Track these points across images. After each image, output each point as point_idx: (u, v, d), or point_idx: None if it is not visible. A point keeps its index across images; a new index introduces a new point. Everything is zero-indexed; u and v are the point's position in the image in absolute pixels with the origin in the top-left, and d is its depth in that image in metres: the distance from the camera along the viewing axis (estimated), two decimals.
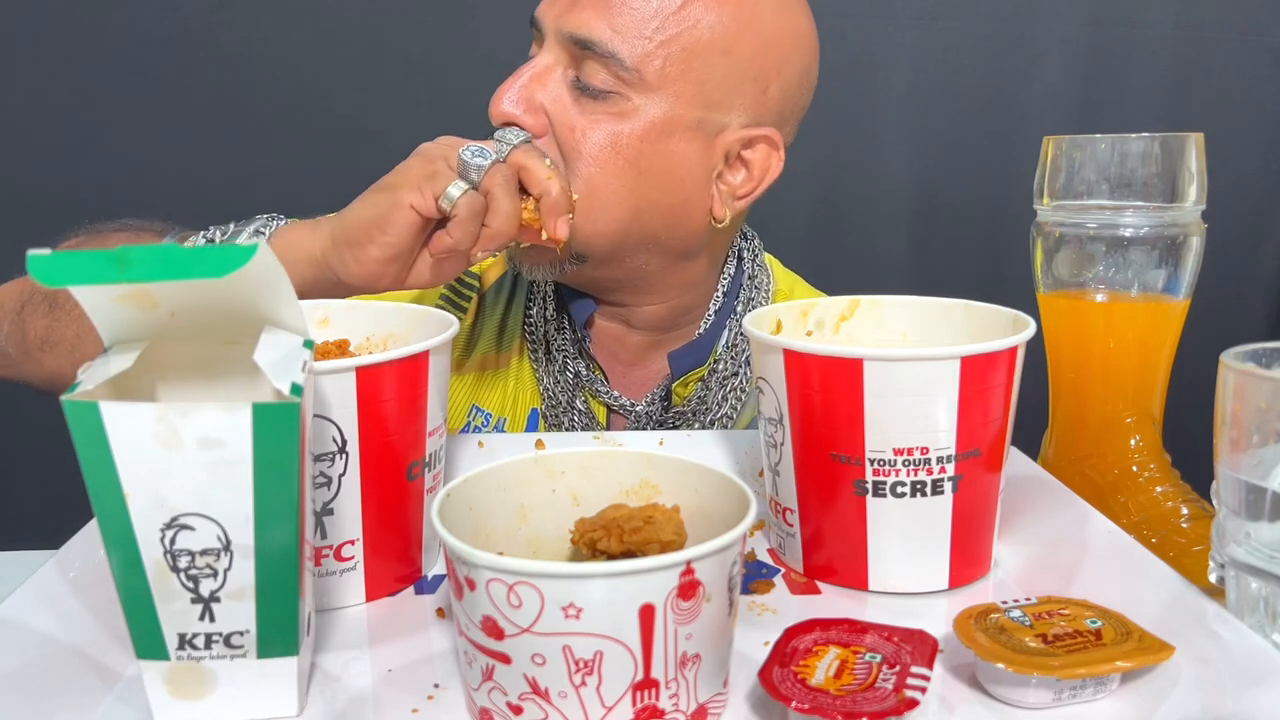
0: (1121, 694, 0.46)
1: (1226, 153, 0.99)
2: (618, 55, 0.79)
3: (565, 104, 0.81)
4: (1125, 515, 0.70)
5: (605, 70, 0.80)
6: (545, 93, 0.81)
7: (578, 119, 0.81)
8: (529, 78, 0.81)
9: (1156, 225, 0.70)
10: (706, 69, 0.81)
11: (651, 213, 0.83)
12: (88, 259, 0.39)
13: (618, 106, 0.80)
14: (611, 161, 0.81)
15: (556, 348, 0.91)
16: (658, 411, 0.91)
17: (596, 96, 0.80)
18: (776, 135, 0.85)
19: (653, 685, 0.41)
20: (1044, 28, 1.58)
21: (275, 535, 0.42)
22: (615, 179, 0.81)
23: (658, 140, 0.82)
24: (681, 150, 0.83)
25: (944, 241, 1.63)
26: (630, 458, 0.52)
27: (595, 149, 0.81)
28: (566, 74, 0.81)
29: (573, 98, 0.81)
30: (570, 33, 0.79)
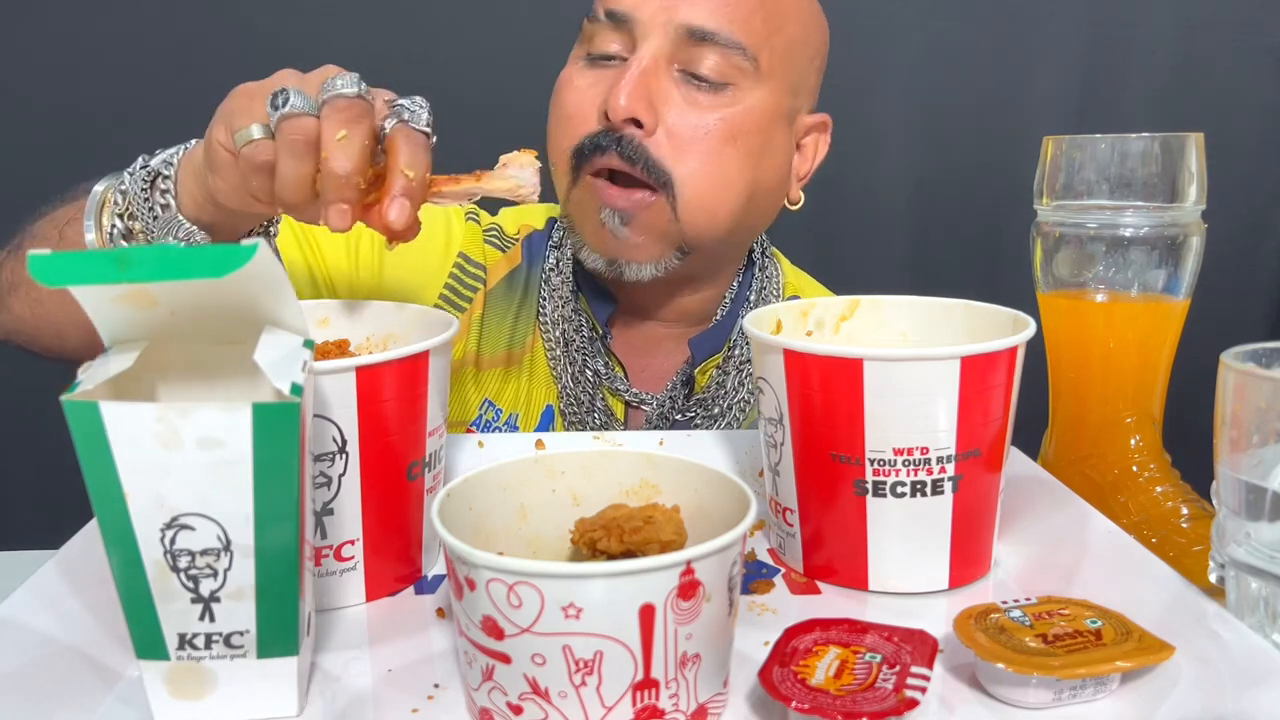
0: (1121, 694, 0.46)
1: (1226, 153, 0.98)
2: (739, 43, 0.79)
3: (675, 98, 0.80)
4: (1125, 515, 0.70)
5: (724, 60, 0.80)
6: (656, 87, 0.80)
7: (692, 112, 0.80)
8: (640, 72, 0.79)
9: (1156, 225, 0.70)
10: (796, 57, 0.84)
11: (759, 200, 0.85)
12: (88, 259, 0.39)
13: (732, 96, 0.81)
14: (729, 152, 0.81)
15: (576, 347, 0.91)
16: (679, 399, 0.91)
17: (711, 88, 0.80)
18: (829, 119, 0.90)
19: (653, 685, 0.41)
20: (1044, 28, 1.58)
21: (275, 535, 0.42)
22: (734, 169, 0.82)
23: (768, 128, 0.83)
24: (780, 137, 0.85)
25: (944, 241, 1.63)
26: (630, 458, 0.52)
27: (714, 141, 0.80)
28: (671, 67, 0.80)
29: (682, 91, 0.81)
30: (685, 24, 0.79)
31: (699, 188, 0.81)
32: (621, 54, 0.82)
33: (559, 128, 0.85)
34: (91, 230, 0.69)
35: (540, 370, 0.93)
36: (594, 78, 0.83)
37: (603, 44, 0.83)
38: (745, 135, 0.82)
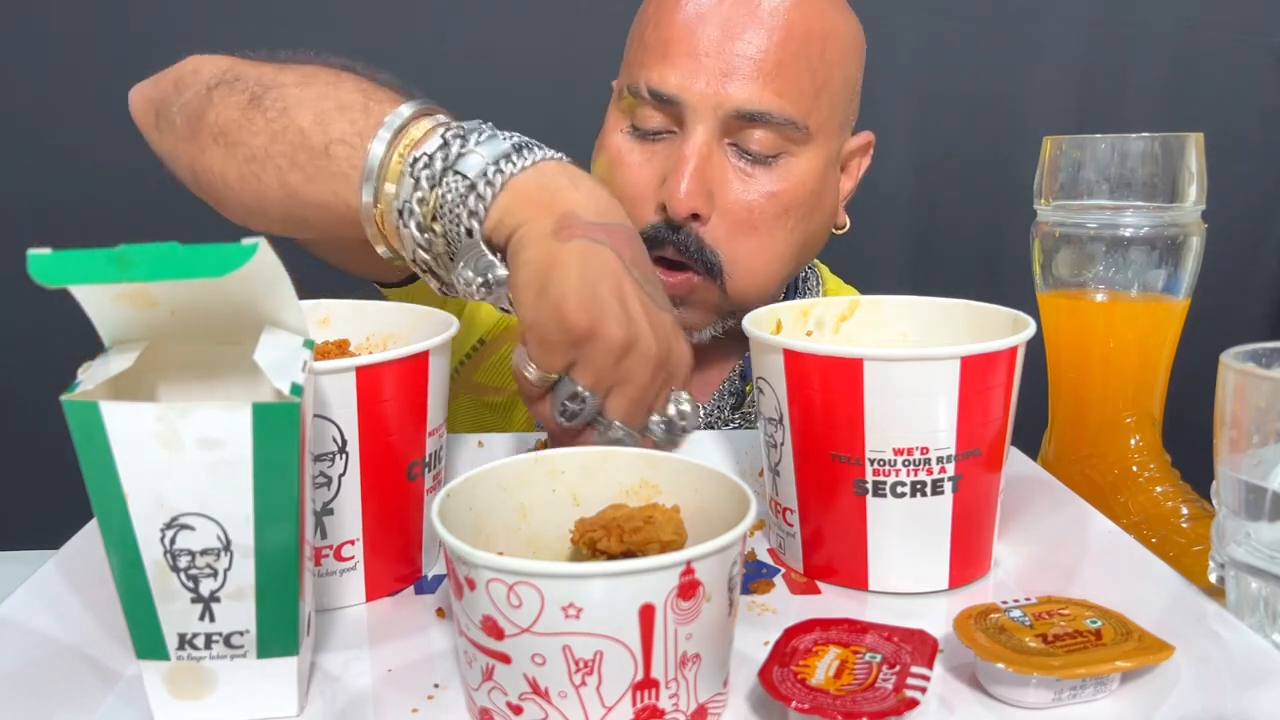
0: (1121, 694, 0.46)
1: (1226, 153, 0.98)
2: (791, 119, 0.79)
3: (729, 176, 0.81)
4: (1125, 515, 0.70)
5: (775, 135, 0.80)
6: (713, 173, 0.80)
7: (744, 190, 0.81)
8: (696, 165, 0.79)
9: (1156, 225, 0.70)
10: (840, 101, 0.84)
11: (808, 251, 0.87)
12: (88, 258, 0.39)
13: (784, 167, 0.81)
14: (784, 222, 0.82)
15: None
16: (726, 410, 0.91)
17: (763, 160, 0.81)
18: (872, 138, 0.90)
19: (653, 685, 0.41)
20: (1044, 28, 1.58)
21: (275, 535, 0.42)
22: (786, 236, 0.83)
23: (819, 186, 0.84)
24: (830, 184, 0.86)
25: (944, 241, 1.63)
26: (630, 458, 0.52)
27: (769, 217, 0.81)
28: (723, 143, 0.80)
29: (734, 166, 0.81)
30: (736, 109, 0.78)
31: (750, 265, 0.82)
32: (668, 128, 0.82)
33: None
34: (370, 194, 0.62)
35: None
36: (645, 153, 0.83)
37: (647, 120, 0.82)
38: (798, 204, 0.82)
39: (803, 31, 0.80)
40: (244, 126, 0.67)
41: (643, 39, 0.82)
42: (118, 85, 1.57)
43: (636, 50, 0.83)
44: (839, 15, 0.84)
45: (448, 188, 0.60)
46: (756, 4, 0.79)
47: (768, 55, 0.79)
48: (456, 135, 0.62)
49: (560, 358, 0.57)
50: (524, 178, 0.60)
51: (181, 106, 0.71)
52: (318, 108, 0.65)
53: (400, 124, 0.62)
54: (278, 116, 0.65)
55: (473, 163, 0.60)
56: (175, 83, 0.73)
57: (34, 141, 1.51)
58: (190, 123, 0.70)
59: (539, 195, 0.59)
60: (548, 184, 0.60)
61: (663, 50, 0.80)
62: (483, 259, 0.60)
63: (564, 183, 0.60)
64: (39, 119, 1.51)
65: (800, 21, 0.80)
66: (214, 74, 0.71)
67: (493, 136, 0.62)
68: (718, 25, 0.79)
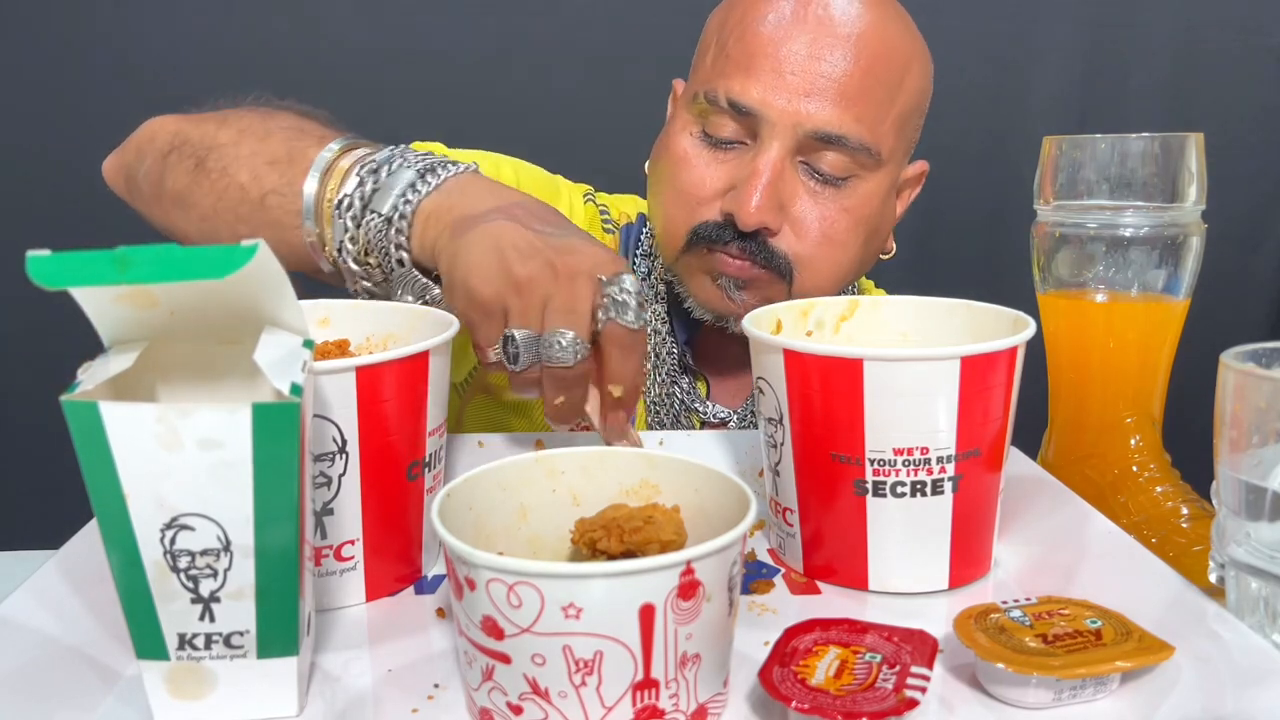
0: (1121, 694, 0.46)
1: (1226, 153, 0.98)
2: (865, 144, 0.80)
3: (800, 192, 0.81)
4: (1125, 515, 0.70)
5: (849, 159, 0.80)
6: (784, 188, 0.80)
7: (818, 211, 0.81)
8: (770, 180, 0.79)
9: (1156, 225, 0.70)
10: (912, 130, 0.86)
11: (864, 265, 0.88)
12: (88, 259, 0.39)
13: (854, 188, 0.82)
14: (851, 241, 0.83)
15: (666, 367, 0.92)
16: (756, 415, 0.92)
17: (834, 184, 0.81)
18: (926, 167, 0.92)
19: (653, 685, 0.41)
20: (1044, 28, 1.58)
21: (275, 535, 0.42)
22: (852, 253, 0.84)
23: (882, 207, 0.85)
24: (890, 206, 0.88)
25: (944, 241, 1.63)
26: (630, 458, 0.52)
27: (838, 235, 0.82)
28: (795, 161, 0.81)
29: (806, 188, 0.81)
30: (815, 129, 0.79)
31: (819, 270, 0.83)
32: (741, 139, 0.82)
33: (676, 202, 0.84)
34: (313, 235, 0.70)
35: None
36: (713, 159, 0.83)
37: (720, 128, 0.82)
38: (864, 221, 0.83)
39: (885, 58, 0.80)
40: (194, 190, 0.74)
41: (724, 48, 0.82)
42: (118, 86, 1.57)
43: (716, 58, 0.83)
44: (917, 44, 0.85)
45: (369, 226, 0.68)
46: (843, 25, 0.79)
47: (851, 79, 0.79)
48: (370, 171, 0.69)
49: (494, 328, 0.61)
50: (429, 203, 0.67)
51: (145, 174, 0.78)
52: (251, 165, 0.72)
53: (325, 167, 0.70)
54: (219, 177, 0.73)
55: (384, 198, 0.67)
56: (137, 151, 0.80)
57: (34, 142, 1.51)
58: (153, 189, 0.77)
59: (444, 215, 0.66)
60: (448, 201, 0.67)
61: (746, 62, 0.80)
62: (418, 283, 0.68)
63: (464, 193, 0.67)
64: (39, 119, 1.51)
65: (883, 48, 0.80)
66: (166, 141, 0.78)
67: (402, 165, 0.68)
68: (804, 43, 0.79)
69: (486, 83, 1.50)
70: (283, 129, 0.75)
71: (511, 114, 1.50)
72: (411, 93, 1.51)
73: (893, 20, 0.82)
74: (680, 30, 0.94)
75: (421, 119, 1.44)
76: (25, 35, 1.49)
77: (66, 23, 1.50)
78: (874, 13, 0.81)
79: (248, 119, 0.77)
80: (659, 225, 0.87)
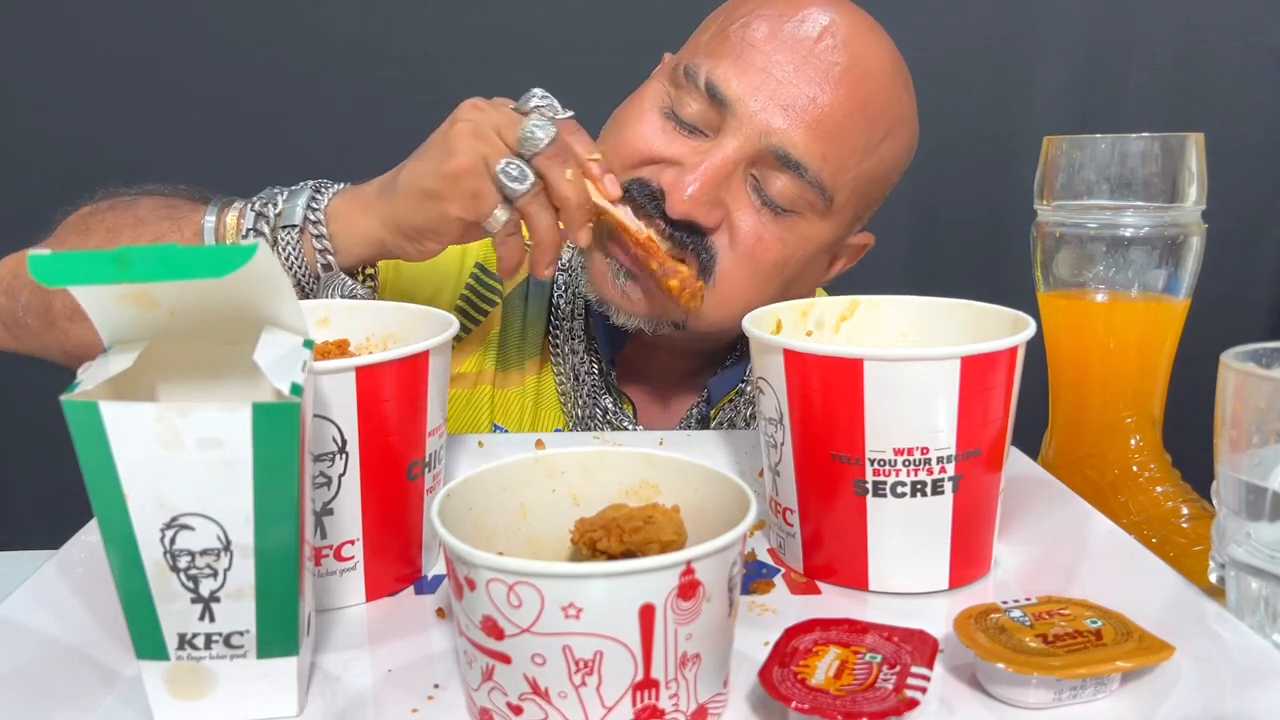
0: (1121, 694, 0.46)
1: (1226, 153, 0.99)
2: (821, 183, 0.77)
3: (743, 205, 0.78)
4: (1125, 515, 0.70)
5: (797, 191, 0.77)
6: (728, 190, 0.77)
7: (756, 228, 0.78)
8: (713, 175, 0.76)
9: (1156, 225, 0.70)
10: (868, 195, 0.83)
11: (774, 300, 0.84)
12: (88, 259, 0.39)
13: (793, 224, 0.79)
14: (777, 276, 0.80)
15: (587, 387, 0.89)
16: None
17: (775, 211, 0.78)
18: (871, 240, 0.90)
19: (653, 685, 0.41)
20: (1044, 28, 1.58)
21: (275, 535, 0.42)
22: (767, 289, 0.80)
23: (814, 260, 0.83)
24: (821, 262, 0.85)
25: (944, 241, 1.63)
26: (630, 458, 0.52)
27: (766, 261, 0.79)
28: (746, 172, 0.78)
29: (749, 201, 0.78)
30: (777, 146, 0.75)
31: (731, 294, 0.78)
32: (702, 129, 0.78)
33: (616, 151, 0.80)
34: None
35: (548, 395, 0.91)
36: (667, 133, 0.79)
37: (686, 108, 0.78)
38: (795, 263, 0.80)
39: (875, 112, 0.78)
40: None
41: (724, 31, 0.79)
42: (118, 85, 1.57)
43: (713, 38, 0.80)
44: (910, 116, 0.83)
45: (283, 244, 0.72)
46: (846, 59, 0.77)
47: (833, 114, 0.76)
48: (265, 203, 0.74)
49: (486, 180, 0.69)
50: (336, 203, 0.74)
51: (25, 307, 0.78)
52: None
53: (213, 224, 0.74)
54: None
55: (291, 214, 0.73)
56: (4, 292, 0.80)
57: (34, 142, 1.51)
58: (40, 317, 0.78)
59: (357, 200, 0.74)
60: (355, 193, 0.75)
61: (740, 52, 0.77)
62: (345, 285, 0.74)
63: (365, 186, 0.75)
64: (39, 119, 1.51)
65: (877, 101, 0.78)
66: None
67: (293, 191, 0.75)
68: (803, 58, 0.76)
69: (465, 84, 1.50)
70: (152, 209, 0.77)
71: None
72: (396, 90, 1.51)
73: (895, 78, 0.80)
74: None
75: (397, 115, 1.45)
76: (25, 34, 1.49)
77: (66, 21, 1.50)
78: (879, 62, 0.79)
79: (108, 218, 0.79)
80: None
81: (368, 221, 0.73)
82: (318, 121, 1.52)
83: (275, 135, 1.51)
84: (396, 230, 0.73)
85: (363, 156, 0.85)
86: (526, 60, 1.52)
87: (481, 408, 0.91)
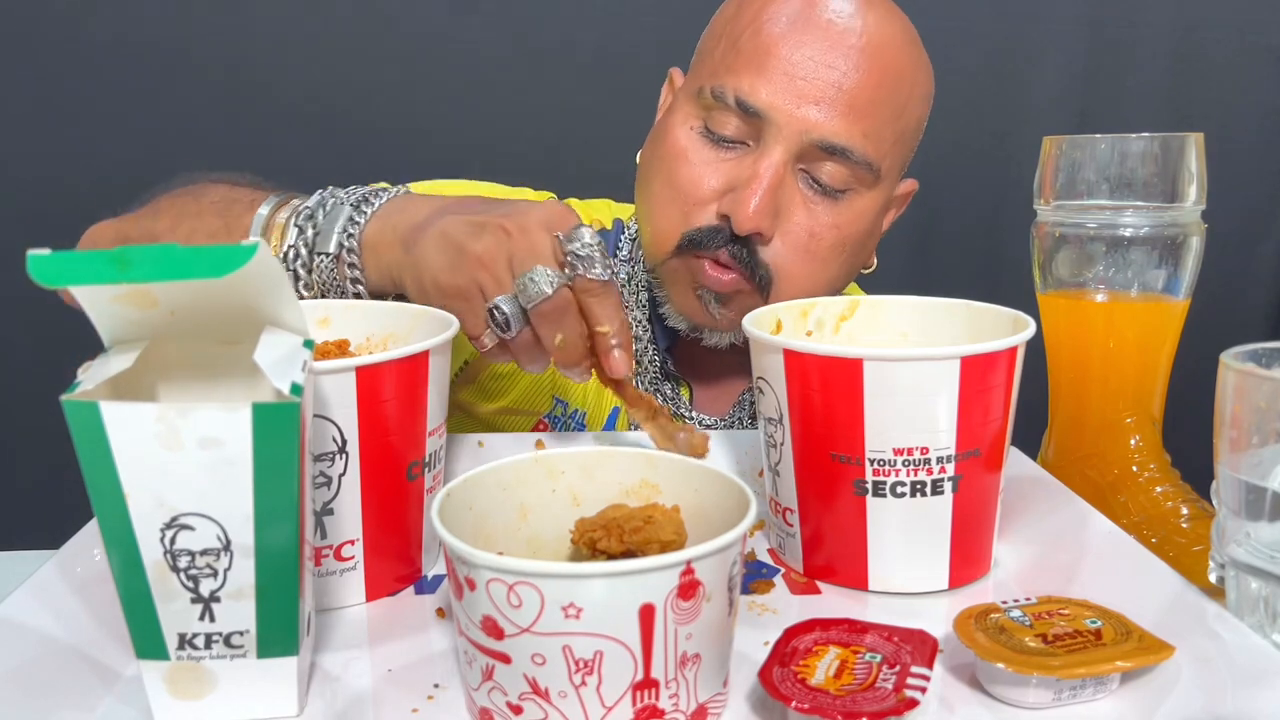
0: (1121, 694, 0.46)
1: (1226, 153, 0.99)
2: (868, 160, 0.79)
3: (796, 201, 0.80)
4: (1125, 515, 0.70)
5: (849, 173, 0.80)
6: (783, 195, 0.80)
7: (809, 223, 0.80)
8: (770, 184, 0.78)
9: (1156, 225, 0.70)
10: (909, 148, 0.85)
11: (847, 280, 0.87)
12: (88, 259, 0.39)
13: (850, 202, 0.81)
14: (832, 259, 0.82)
15: (648, 375, 0.91)
16: (744, 420, 0.92)
17: (831, 195, 0.80)
18: (915, 186, 0.91)
19: (653, 685, 0.41)
20: (1044, 28, 1.58)
21: (275, 535, 0.42)
22: (838, 268, 0.83)
23: (874, 225, 0.85)
24: (880, 223, 0.87)
25: (944, 241, 1.63)
26: (630, 458, 0.52)
27: (821, 250, 0.81)
28: (795, 169, 0.80)
29: (803, 197, 0.80)
30: (821, 139, 0.78)
31: (799, 287, 0.82)
32: (743, 140, 0.81)
33: (671, 200, 0.83)
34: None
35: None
36: (712, 157, 0.81)
37: (723, 125, 0.81)
38: (855, 240, 0.83)
39: (895, 74, 0.80)
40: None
41: (735, 43, 0.81)
42: (118, 85, 1.57)
43: (727, 53, 0.81)
44: (924, 62, 0.85)
45: (319, 269, 0.70)
46: (858, 36, 0.79)
47: (861, 91, 0.78)
48: (306, 218, 0.71)
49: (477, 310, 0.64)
50: (371, 232, 0.70)
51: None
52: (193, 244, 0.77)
53: (262, 228, 0.72)
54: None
55: (327, 239, 0.70)
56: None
57: (34, 141, 1.51)
58: None
59: (389, 236, 0.69)
60: (389, 223, 0.69)
61: (759, 61, 0.79)
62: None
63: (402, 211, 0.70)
64: (39, 119, 1.51)
65: (894, 64, 0.80)
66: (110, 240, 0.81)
67: (335, 205, 0.71)
68: (818, 49, 0.78)
69: (475, 86, 1.50)
70: (213, 203, 0.77)
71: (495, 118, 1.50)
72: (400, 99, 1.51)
73: (904, 36, 0.82)
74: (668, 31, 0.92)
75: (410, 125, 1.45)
76: (24, 33, 1.49)
77: (66, 20, 1.50)
78: (888, 27, 0.80)
79: (179, 202, 0.79)
80: (650, 223, 0.85)
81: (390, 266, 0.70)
82: (317, 121, 1.52)
83: (275, 135, 1.51)
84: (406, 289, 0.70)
85: (363, 157, 0.85)
86: (524, 59, 1.52)
87: (544, 382, 0.91)
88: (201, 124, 1.51)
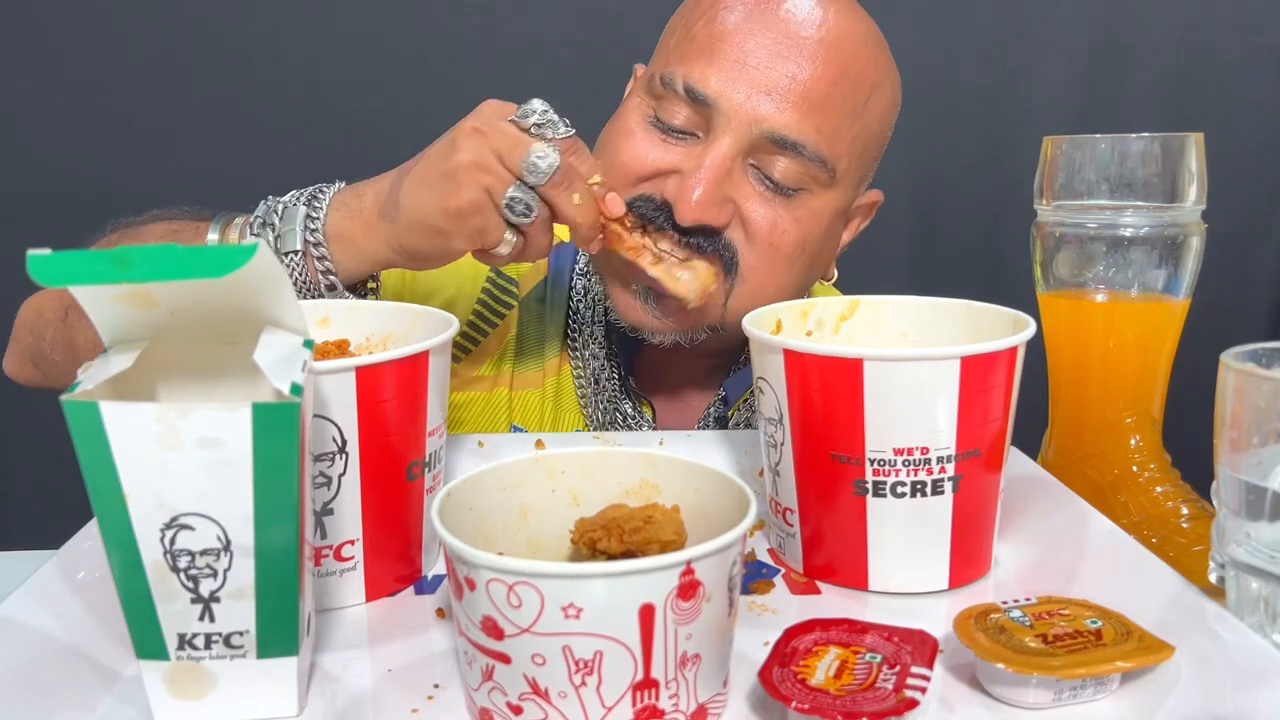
0: (1121, 694, 0.46)
1: (1226, 153, 0.98)
2: (821, 156, 0.77)
3: (750, 195, 0.77)
4: (1125, 515, 0.70)
5: (800, 169, 0.77)
6: (731, 185, 0.77)
7: (769, 215, 0.78)
8: (715, 176, 0.75)
9: (1156, 225, 0.70)
10: (871, 157, 0.83)
11: (802, 290, 0.84)
12: (88, 259, 0.39)
13: (804, 201, 0.79)
14: (797, 257, 0.80)
15: (607, 393, 0.89)
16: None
17: (784, 194, 0.78)
18: (879, 198, 0.88)
19: (653, 685, 0.41)
20: (1044, 28, 1.58)
21: (275, 535, 0.42)
22: (794, 271, 0.80)
23: (830, 228, 0.82)
24: (838, 230, 0.85)
25: (944, 241, 1.63)
26: (630, 458, 0.52)
27: (786, 245, 0.79)
28: (745, 163, 0.77)
29: (756, 191, 0.78)
30: (772, 131, 0.75)
31: (761, 281, 0.79)
32: (693, 130, 0.78)
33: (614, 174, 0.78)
34: None
35: (567, 397, 0.91)
36: (659, 144, 0.79)
37: (672, 115, 0.78)
38: (812, 242, 0.80)
39: (854, 73, 0.77)
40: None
41: (690, 32, 0.79)
42: (118, 86, 1.57)
43: (681, 41, 0.79)
44: (889, 68, 0.82)
45: (289, 269, 0.71)
46: (815, 30, 0.76)
47: (816, 85, 0.76)
48: (262, 225, 0.73)
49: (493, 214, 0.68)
50: (334, 222, 0.72)
51: (51, 345, 0.80)
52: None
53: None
54: None
55: (290, 239, 0.72)
56: (30, 332, 0.83)
57: (34, 142, 1.51)
58: (66, 353, 0.79)
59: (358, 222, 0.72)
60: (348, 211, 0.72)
61: (711, 49, 0.76)
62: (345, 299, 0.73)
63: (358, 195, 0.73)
64: (39, 119, 1.51)
65: (855, 64, 0.78)
66: (55, 307, 0.81)
67: (287, 208, 0.73)
68: (772, 39, 0.76)
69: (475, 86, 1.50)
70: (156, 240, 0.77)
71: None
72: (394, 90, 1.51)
73: (868, 38, 0.80)
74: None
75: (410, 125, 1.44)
76: (24, 33, 1.49)
77: (66, 20, 1.50)
78: (849, 25, 0.78)
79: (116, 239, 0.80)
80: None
81: (372, 244, 0.72)
82: (315, 121, 1.52)
83: (273, 135, 1.51)
84: (402, 253, 0.72)
85: (361, 156, 0.85)
86: (522, 58, 1.52)
87: (500, 409, 0.90)
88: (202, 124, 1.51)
